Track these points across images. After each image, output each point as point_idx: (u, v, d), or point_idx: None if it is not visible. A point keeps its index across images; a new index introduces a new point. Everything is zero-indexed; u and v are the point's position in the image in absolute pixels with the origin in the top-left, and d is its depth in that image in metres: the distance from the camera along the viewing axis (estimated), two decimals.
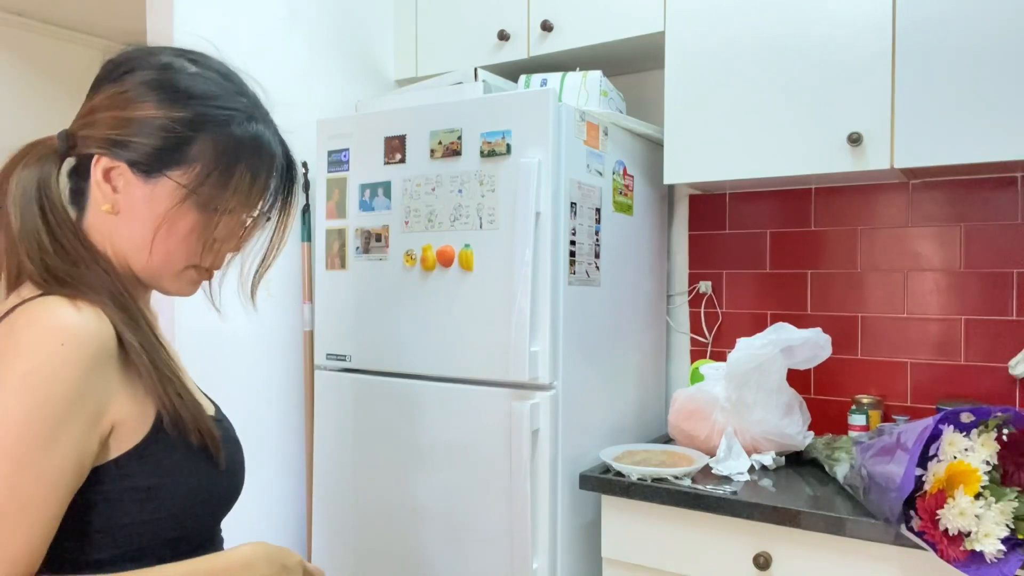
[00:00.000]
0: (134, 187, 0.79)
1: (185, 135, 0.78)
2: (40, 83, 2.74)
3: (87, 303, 0.72)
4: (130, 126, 0.78)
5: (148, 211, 0.79)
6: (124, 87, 0.79)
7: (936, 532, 1.20)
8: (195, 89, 0.80)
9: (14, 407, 0.66)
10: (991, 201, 1.79)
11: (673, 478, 1.57)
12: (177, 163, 0.79)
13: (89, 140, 0.79)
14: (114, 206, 0.79)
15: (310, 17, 2.15)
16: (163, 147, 0.78)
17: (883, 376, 1.90)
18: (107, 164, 0.78)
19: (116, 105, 0.79)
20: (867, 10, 1.62)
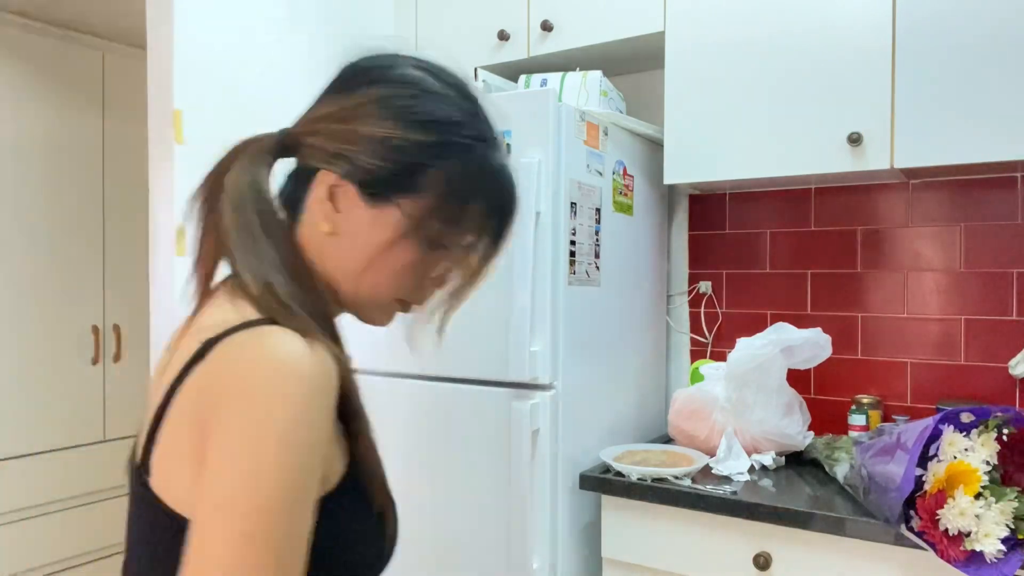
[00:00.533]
0: (358, 209, 0.70)
1: (421, 162, 0.70)
2: (40, 83, 2.74)
3: (318, 342, 0.63)
4: (364, 144, 0.69)
5: (367, 238, 0.71)
6: (362, 99, 0.71)
7: (936, 532, 1.20)
8: (438, 112, 0.71)
9: (277, 463, 0.57)
10: (991, 201, 1.79)
11: (673, 478, 1.57)
12: (408, 190, 0.70)
13: (315, 151, 0.71)
14: (334, 227, 0.71)
15: (310, 17, 2.15)
16: (397, 171, 0.69)
17: (883, 376, 1.90)
18: (333, 181, 0.70)
19: (352, 118, 0.70)
20: (867, 10, 1.62)
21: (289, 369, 0.59)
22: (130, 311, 3.03)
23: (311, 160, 0.71)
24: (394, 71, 0.73)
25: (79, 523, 2.86)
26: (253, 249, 0.68)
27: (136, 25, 2.75)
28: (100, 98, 2.94)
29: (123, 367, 3.01)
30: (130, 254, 3.03)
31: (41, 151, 2.76)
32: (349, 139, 0.69)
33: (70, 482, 2.83)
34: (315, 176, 0.71)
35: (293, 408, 0.59)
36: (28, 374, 2.71)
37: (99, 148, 2.94)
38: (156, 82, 1.83)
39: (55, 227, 2.80)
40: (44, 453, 2.76)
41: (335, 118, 0.71)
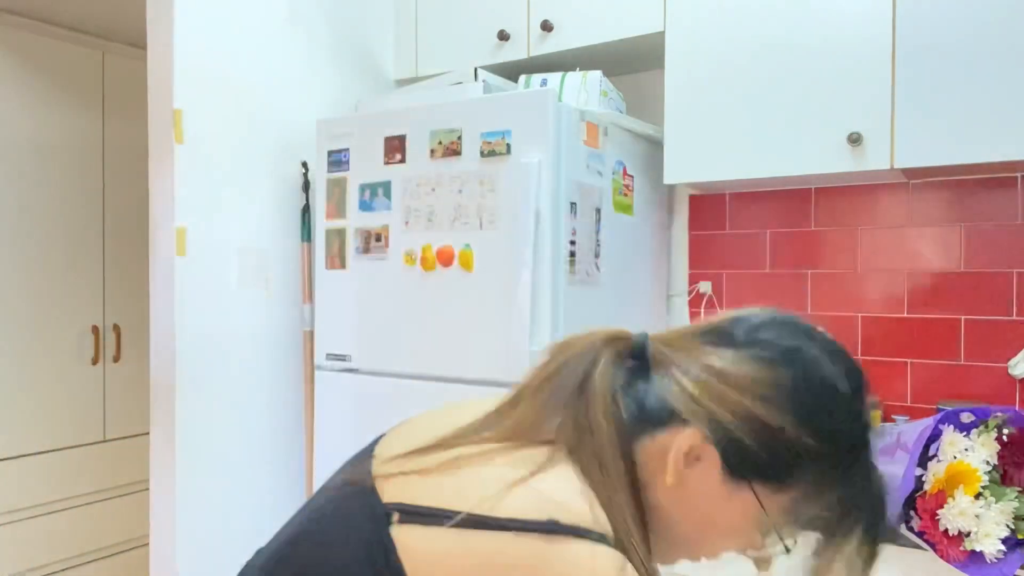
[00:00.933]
0: (710, 476, 0.65)
1: (799, 460, 0.64)
2: (40, 83, 2.74)
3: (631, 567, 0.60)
4: (751, 423, 0.63)
5: (710, 510, 0.66)
6: (767, 376, 0.65)
7: (936, 532, 1.20)
8: (839, 424, 0.65)
9: None
10: (991, 201, 1.79)
11: None
12: (769, 480, 0.65)
13: (687, 398, 0.65)
14: (679, 480, 0.66)
15: (310, 17, 2.15)
16: (772, 463, 0.64)
17: (883, 376, 1.90)
18: (698, 441, 0.65)
19: (746, 390, 0.64)
20: (867, 10, 1.62)
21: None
22: (130, 311, 3.04)
23: (679, 404, 0.65)
24: (807, 355, 0.66)
25: (79, 523, 2.86)
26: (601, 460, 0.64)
27: (136, 25, 2.75)
28: (100, 98, 2.95)
29: (123, 367, 3.01)
30: (130, 254, 3.03)
31: (41, 151, 2.76)
32: (735, 411, 0.64)
33: (70, 482, 2.83)
34: (676, 420, 0.65)
35: None
36: (28, 374, 2.71)
37: (99, 148, 2.94)
38: (156, 82, 1.83)
39: (55, 227, 2.80)
40: (44, 453, 2.76)
41: (727, 380, 0.65)
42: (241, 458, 1.96)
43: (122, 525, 3.00)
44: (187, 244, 1.82)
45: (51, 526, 2.77)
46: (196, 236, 1.85)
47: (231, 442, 1.93)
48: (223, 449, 1.91)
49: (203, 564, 1.86)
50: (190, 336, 1.83)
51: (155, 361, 1.84)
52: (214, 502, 1.89)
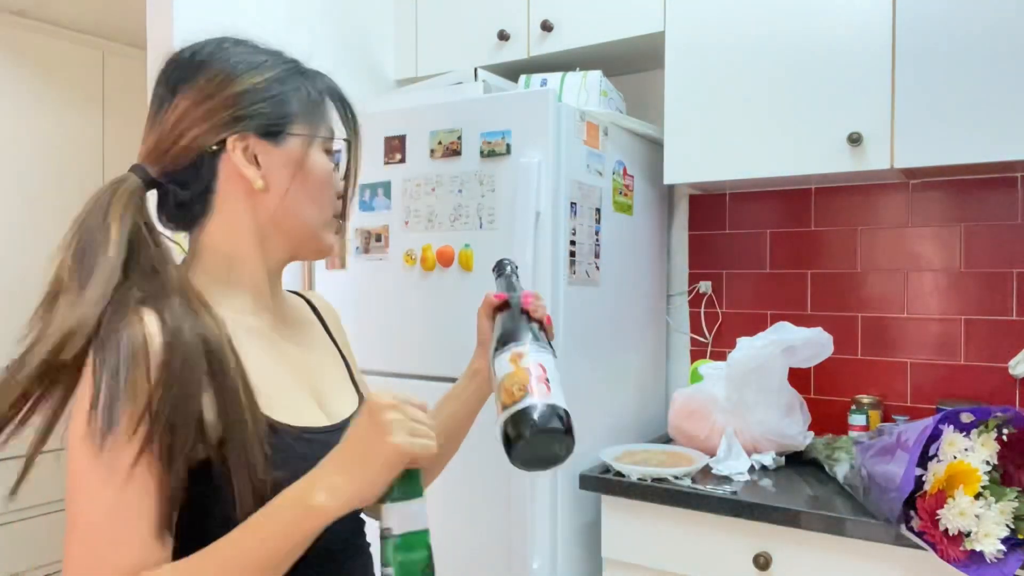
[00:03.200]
0: (271, 155, 0.80)
1: (285, 91, 0.81)
2: (40, 83, 2.74)
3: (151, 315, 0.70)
4: (243, 102, 0.78)
5: (294, 170, 0.80)
6: (207, 76, 0.79)
7: (936, 532, 1.20)
8: (260, 54, 0.85)
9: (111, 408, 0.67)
10: (991, 201, 1.79)
11: (673, 478, 1.57)
12: (292, 118, 0.81)
13: (205, 134, 0.78)
14: (264, 181, 0.79)
15: (310, 17, 2.15)
16: (273, 109, 0.80)
17: (883, 376, 1.90)
18: (244, 143, 0.78)
19: (215, 92, 0.78)
20: (867, 10, 1.62)
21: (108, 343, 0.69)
22: None
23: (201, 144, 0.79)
24: (214, 46, 0.87)
25: None
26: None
27: (136, 25, 2.75)
28: (100, 98, 2.95)
29: None
30: None
31: (41, 151, 2.76)
32: (227, 107, 0.80)
33: None
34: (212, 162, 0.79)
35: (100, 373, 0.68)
36: None
37: (99, 148, 2.94)
38: None
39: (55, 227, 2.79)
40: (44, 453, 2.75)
41: (202, 101, 0.80)
42: None
43: None
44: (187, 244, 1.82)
45: (51, 526, 2.77)
46: None
47: None
48: None
49: None
50: None
51: None
52: None
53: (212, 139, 0.77)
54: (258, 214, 0.80)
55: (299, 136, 0.81)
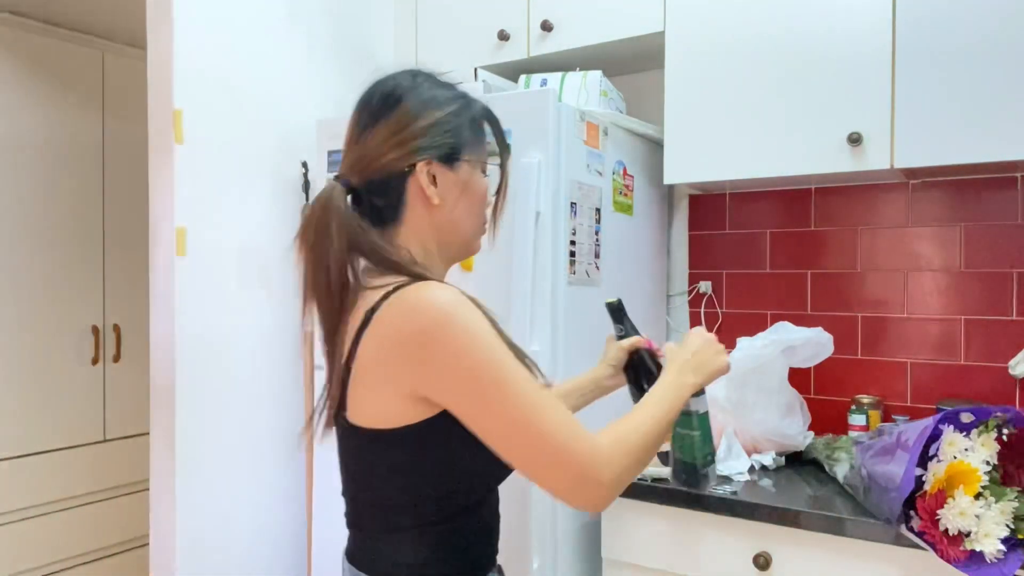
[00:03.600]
0: (446, 177, 0.98)
1: (460, 123, 0.99)
2: (40, 83, 2.74)
3: None
4: (429, 131, 0.96)
5: (460, 191, 1.00)
6: (407, 107, 0.97)
7: (936, 532, 1.20)
8: (445, 91, 1.01)
9: (480, 350, 0.86)
10: (991, 201, 1.79)
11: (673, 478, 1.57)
12: (464, 146, 0.99)
13: (400, 159, 0.96)
14: (440, 198, 0.98)
15: (310, 17, 2.15)
16: (452, 139, 0.98)
17: (883, 376, 1.90)
18: (428, 167, 0.96)
19: (407, 121, 0.97)
20: (867, 10, 1.62)
21: (446, 303, 0.87)
22: (130, 311, 3.04)
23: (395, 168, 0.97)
24: (404, 82, 1.02)
25: (79, 523, 2.86)
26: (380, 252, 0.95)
27: (136, 25, 2.75)
28: (100, 98, 2.95)
29: (123, 367, 3.01)
30: (130, 254, 3.03)
31: (41, 151, 2.76)
32: (418, 135, 0.97)
33: (70, 482, 2.83)
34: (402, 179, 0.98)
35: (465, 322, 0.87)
36: (28, 374, 2.71)
37: (99, 148, 2.94)
38: (156, 82, 1.83)
39: (55, 227, 2.80)
40: (44, 453, 2.76)
41: (394, 133, 0.98)
42: (241, 458, 1.96)
43: (122, 525, 3.00)
44: (187, 244, 1.82)
45: (51, 526, 2.77)
46: (196, 236, 1.84)
47: (231, 442, 1.93)
48: (223, 449, 1.91)
49: (203, 564, 1.86)
50: (190, 336, 1.83)
51: (155, 361, 1.84)
52: (214, 502, 1.89)
53: (404, 163, 0.96)
54: (433, 224, 0.99)
55: (467, 161, 1.00)
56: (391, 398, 0.89)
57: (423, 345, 0.85)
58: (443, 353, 0.85)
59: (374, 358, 0.89)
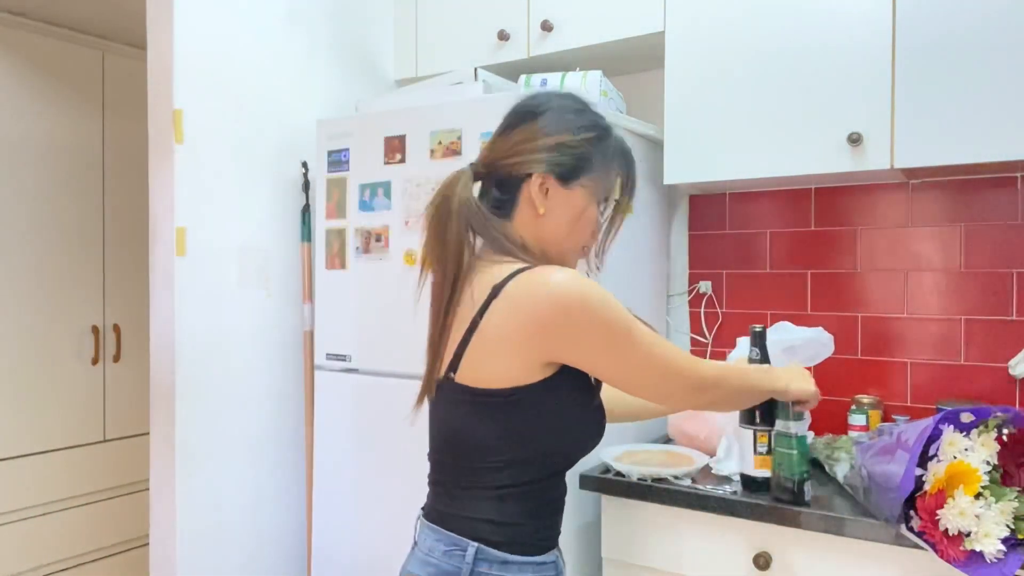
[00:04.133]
0: (558, 193, 1.08)
1: (587, 152, 1.09)
2: (40, 83, 2.74)
3: None
4: (557, 150, 1.07)
5: (570, 211, 1.09)
6: (543, 122, 1.08)
7: (936, 532, 1.20)
8: (590, 119, 1.11)
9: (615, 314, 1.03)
10: (991, 201, 1.79)
11: (673, 478, 1.57)
12: (586, 173, 1.09)
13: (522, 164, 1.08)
14: (547, 209, 1.08)
15: (310, 17, 2.15)
16: (575, 162, 1.08)
17: (883, 376, 1.90)
18: (543, 179, 1.07)
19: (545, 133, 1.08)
20: (867, 10, 1.62)
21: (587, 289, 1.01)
22: (130, 311, 3.04)
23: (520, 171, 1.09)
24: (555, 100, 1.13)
25: (79, 523, 2.86)
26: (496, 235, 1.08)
27: (136, 25, 2.75)
28: (100, 98, 2.95)
29: (123, 367, 3.01)
30: (130, 254, 3.03)
31: (41, 151, 2.76)
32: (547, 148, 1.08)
33: (70, 482, 2.83)
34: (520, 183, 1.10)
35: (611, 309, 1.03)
36: (28, 374, 2.71)
37: (99, 148, 2.94)
38: (156, 82, 1.83)
39: (55, 227, 2.80)
40: (44, 453, 2.76)
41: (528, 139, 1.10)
42: (241, 458, 1.96)
43: (122, 525, 3.00)
44: (187, 244, 1.82)
45: (51, 526, 2.77)
46: (196, 236, 1.85)
47: (231, 442, 1.93)
48: (223, 449, 1.91)
49: (203, 564, 1.86)
50: (190, 336, 1.83)
51: (155, 361, 1.84)
52: (214, 502, 1.89)
53: (524, 169, 1.07)
54: (536, 229, 1.10)
55: (583, 186, 1.09)
56: (516, 362, 1.01)
57: (569, 318, 0.99)
58: (589, 324, 1.00)
59: (503, 327, 1.01)
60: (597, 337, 1.01)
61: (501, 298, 1.01)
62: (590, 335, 1.01)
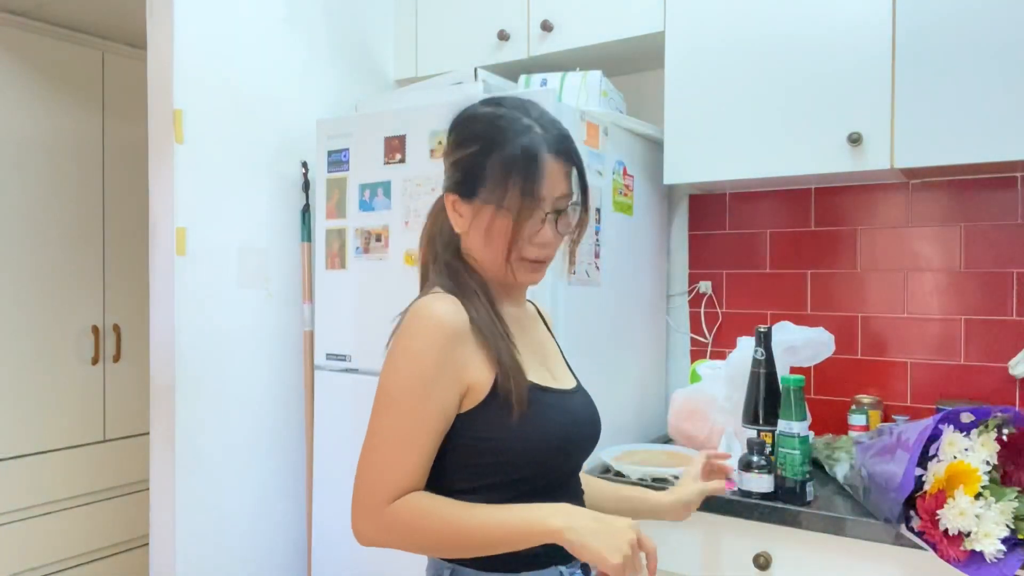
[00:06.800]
0: (466, 211, 1.03)
1: (475, 164, 1.01)
2: (40, 83, 2.74)
3: (451, 297, 0.99)
4: (451, 168, 1.05)
5: (482, 231, 1.02)
6: (449, 139, 1.06)
7: (936, 532, 1.20)
8: (477, 129, 1.03)
9: (403, 372, 0.95)
10: (991, 201, 1.79)
11: (673, 478, 1.57)
12: (481, 185, 1.01)
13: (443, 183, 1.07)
14: (462, 228, 1.05)
15: (310, 17, 2.15)
16: (468, 177, 1.02)
17: (883, 376, 1.90)
18: (450, 198, 1.05)
19: (446, 154, 1.07)
20: (867, 10, 1.62)
21: (421, 316, 0.96)
22: (130, 311, 3.03)
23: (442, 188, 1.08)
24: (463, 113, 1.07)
25: (79, 523, 2.86)
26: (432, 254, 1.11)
27: (136, 25, 2.75)
28: (100, 98, 2.94)
29: (123, 367, 3.01)
30: (130, 254, 3.03)
31: (41, 151, 2.76)
32: (447, 169, 1.06)
33: (70, 482, 2.83)
34: None
35: (418, 339, 0.95)
36: (28, 374, 2.71)
37: (99, 148, 2.94)
38: (156, 82, 1.83)
39: (55, 227, 2.80)
40: (44, 453, 2.76)
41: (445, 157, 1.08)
42: (241, 458, 1.96)
43: (122, 525, 2.99)
44: (187, 244, 1.82)
45: (51, 526, 2.77)
46: (196, 236, 1.84)
47: (231, 442, 1.93)
48: (223, 449, 1.91)
49: (203, 564, 1.86)
50: (190, 336, 1.83)
51: (155, 361, 1.84)
52: (214, 502, 1.89)
53: (443, 187, 1.07)
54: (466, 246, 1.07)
55: (483, 201, 1.01)
56: None
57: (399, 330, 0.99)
58: (394, 342, 0.98)
59: None
60: (387, 360, 0.98)
61: None
62: (389, 354, 0.98)
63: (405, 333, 0.97)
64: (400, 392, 0.95)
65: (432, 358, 0.94)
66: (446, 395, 0.95)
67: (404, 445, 0.94)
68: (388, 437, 0.95)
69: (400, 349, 0.96)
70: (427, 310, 0.96)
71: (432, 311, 0.96)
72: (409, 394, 0.94)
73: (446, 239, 1.08)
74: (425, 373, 0.94)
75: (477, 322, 0.98)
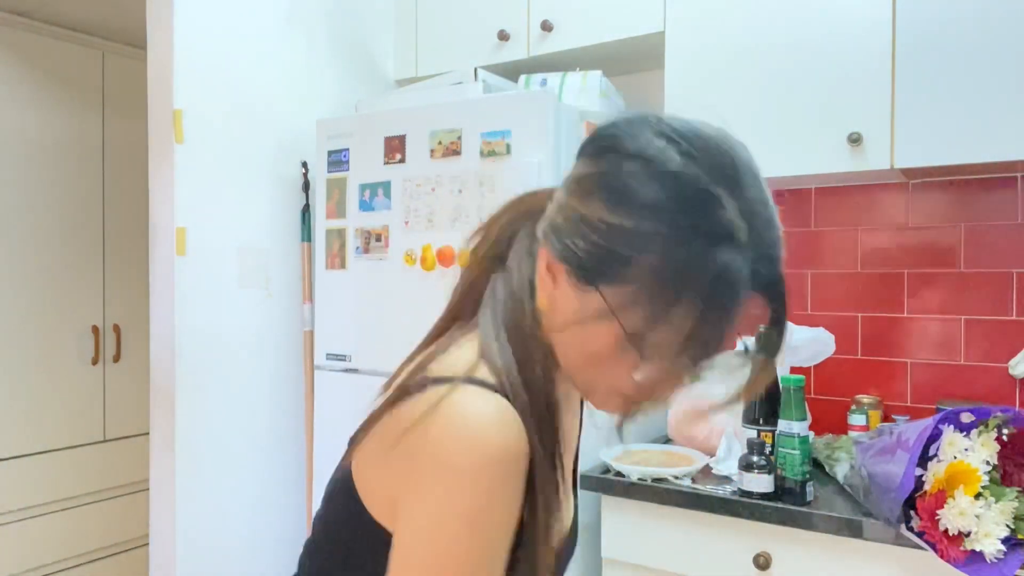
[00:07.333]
0: (567, 290, 0.64)
1: (622, 249, 0.60)
2: (40, 83, 2.74)
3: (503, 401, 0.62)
4: (574, 224, 0.63)
5: (579, 330, 0.64)
6: (591, 169, 0.64)
7: (936, 532, 1.20)
8: (649, 195, 0.59)
9: (463, 541, 0.59)
10: (991, 201, 1.79)
11: (673, 478, 1.57)
12: (611, 279, 0.61)
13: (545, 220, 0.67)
14: (551, 303, 0.66)
15: (310, 17, 2.15)
16: (600, 257, 0.61)
17: (883, 376, 1.90)
18: (550, 258, 0.65)
19: (574, 192, 0.64)
20: (867, 10, 1.62)
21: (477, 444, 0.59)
22: (130, 311, 3.04)
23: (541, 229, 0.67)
24: (631, 140, 0.64)
25: (79, 523, 2.86)
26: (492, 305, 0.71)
27: (136, 25, 2.75)
28: (100, 98, 2.94)
29: (123, 367, 3.01)
30: (130, 254, 3.03)
31: (41, 151, 2.76)
32: (566, 215, 0.63)
33: (70, 482, 2.83)
34: None
35: (481, 490, 0.58)
36: (28, 374, 2.71)
37: (99, 148, 2.94)
38: (156, 82, 1.83)
39: (55, 227, 2.80)
40: (44, 453, 2.76)
41: (567, 188, 0.66)
42: (241, 458, 1.96)
43: (122, 525, 2.99)
44: (187, 244, 1.82)
45: (51, 526, 2.77)
46: (196, 236, 1.84)
47: (231, 442, 1.93)
48: (223, 449, 1.91)
49: (203, 564, 1.86)
50: (190, 336, 1.83)
51: (155, 361, 1.84)
52: (214, 502, 1.89)
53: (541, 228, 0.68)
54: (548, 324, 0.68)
55: (611, 300, 0.61)
56: None
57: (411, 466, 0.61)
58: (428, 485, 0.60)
59: None
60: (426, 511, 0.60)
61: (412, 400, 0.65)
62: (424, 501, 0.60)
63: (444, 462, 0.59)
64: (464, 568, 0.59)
65: (499, 514, 0.60)
66: (506, 549, 0.62)
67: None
68: None
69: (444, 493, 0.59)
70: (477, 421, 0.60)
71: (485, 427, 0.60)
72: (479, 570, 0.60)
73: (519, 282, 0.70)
74: (493, 538, 0.60)
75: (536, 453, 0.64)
